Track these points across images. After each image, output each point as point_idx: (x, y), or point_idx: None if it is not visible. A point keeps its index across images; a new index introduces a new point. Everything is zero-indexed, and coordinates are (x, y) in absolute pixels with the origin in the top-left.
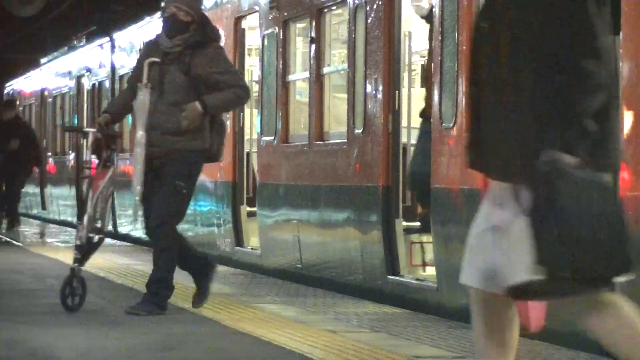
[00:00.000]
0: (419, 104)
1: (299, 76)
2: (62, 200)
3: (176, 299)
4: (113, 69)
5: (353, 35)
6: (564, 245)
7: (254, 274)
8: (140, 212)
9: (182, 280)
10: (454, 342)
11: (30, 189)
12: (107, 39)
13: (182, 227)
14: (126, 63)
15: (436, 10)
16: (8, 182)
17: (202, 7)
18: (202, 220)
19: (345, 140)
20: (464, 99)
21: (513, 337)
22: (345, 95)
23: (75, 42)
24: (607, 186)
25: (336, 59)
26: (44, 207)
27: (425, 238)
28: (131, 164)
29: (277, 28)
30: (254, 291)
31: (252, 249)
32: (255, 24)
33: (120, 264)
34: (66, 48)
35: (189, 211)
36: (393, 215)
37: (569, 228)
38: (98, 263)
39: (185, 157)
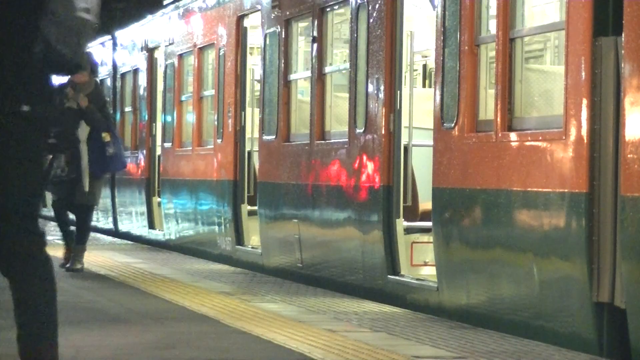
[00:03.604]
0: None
1: (301, 75)
2: None
3: (176, 298)
4: (115, 67)
5: (355, 35)
6: None
7: (255, 272)
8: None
9: (183, 279)
10: (454, 342)
11: None
12: (109, 37)
13: (183, 225)
14: (128, 61)
15: (438, 10)
16: None
17: (205, 6)
18: (202, 218)
19: (347, 140)
20: (465, 99)
21: None
22: (346, 95)
23: None
24: None
25: (338, 59)
26: (44, 205)
27: (426, 238)
28: (132, 161)
29: (279, 27)
30: (255, 290)
31: (252, 247)
32: (257, 23)
33: (120, 262)
34: None
35: (189, 210)
36: (394, 215)
37: None
38: (98, 261)
39: None
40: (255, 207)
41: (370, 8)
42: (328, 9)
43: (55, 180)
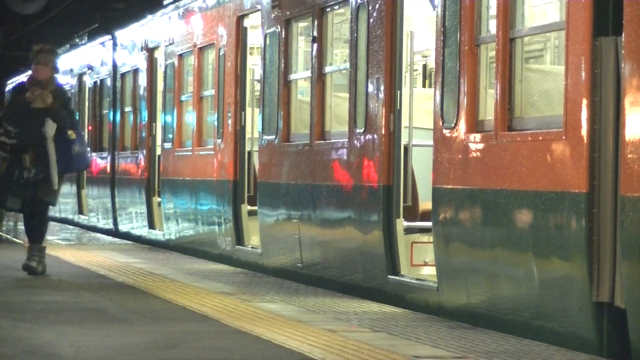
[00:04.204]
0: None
1: (301, 75)
2: (62, 197)
3: (176, 298)
4: (115, 66)
5: (355, 35)
6: None
7: (255, 272)
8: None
9: (183, 279)
10: (454, 342)
11: None
12: (109, 37)
13: (183, 225)
14: (128, 61)
15: (438, 10)
16: None
17: (205, 5)
18: (202, 218)
19: (347, 140)
20: (465, 99)
21: None
22: (346, 95)
23: (77, 40)
24: None
25: (338, 59)
26: None
27: (426, 238)
28: (132, 161)
29: (279, 27)
30: (254, 290)
31: (252, 247)
32: (257, 23)
33: (120, 262)
34: (68, 46)
35: (189, 210)
36: (394, 215)
37: None
38: (98, 261)
39: None
40: (255, 207)
41: (370, 8)
42: (328, 9)
43: (22, 181)
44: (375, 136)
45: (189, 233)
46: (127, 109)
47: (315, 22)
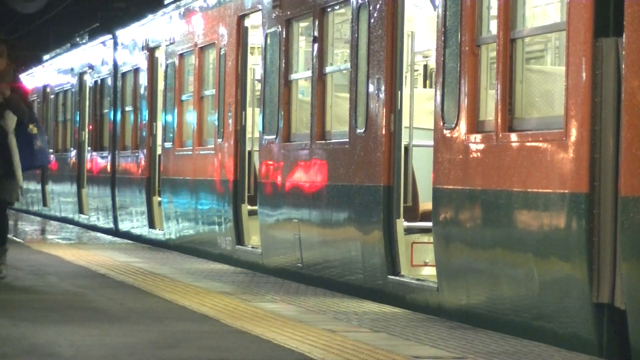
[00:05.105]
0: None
1: (301, 75)
2: (63, 197)
3: (176, 298)
4: (115, 66)
5: (356, 35)
6: None
7: (255, 272)
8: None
9: (183, 279)
10: (454, 342)
11: (32, 185)
12: (110, 36)
13: (183, 225)
14: (128, 60)
15: (439, 10)
16: None
17: (206, 5)
18: (203, 218)
19: (347, 140)
20: (466, 100)
21: None
22: (347, 95)
23: (77, 39)
24: None
25: (338, 59)
26: (45, 204)
27: (427, 238)
28: (132, 161)
29: (280, 27)
30: (255, 290)
31: (252, 247)
32: (258, 23)
33: (120, 262)
34: (69, 45)
35: (189, 209)
36: (394, 215)
37: None
38: (98, 260)
39: None
40: (256, 207)
41: (371, 8)
42: (329, 9)
43: None
44: (376, 136)
45: (189, 232)
46: (128, 108)
47: (316, 22)
